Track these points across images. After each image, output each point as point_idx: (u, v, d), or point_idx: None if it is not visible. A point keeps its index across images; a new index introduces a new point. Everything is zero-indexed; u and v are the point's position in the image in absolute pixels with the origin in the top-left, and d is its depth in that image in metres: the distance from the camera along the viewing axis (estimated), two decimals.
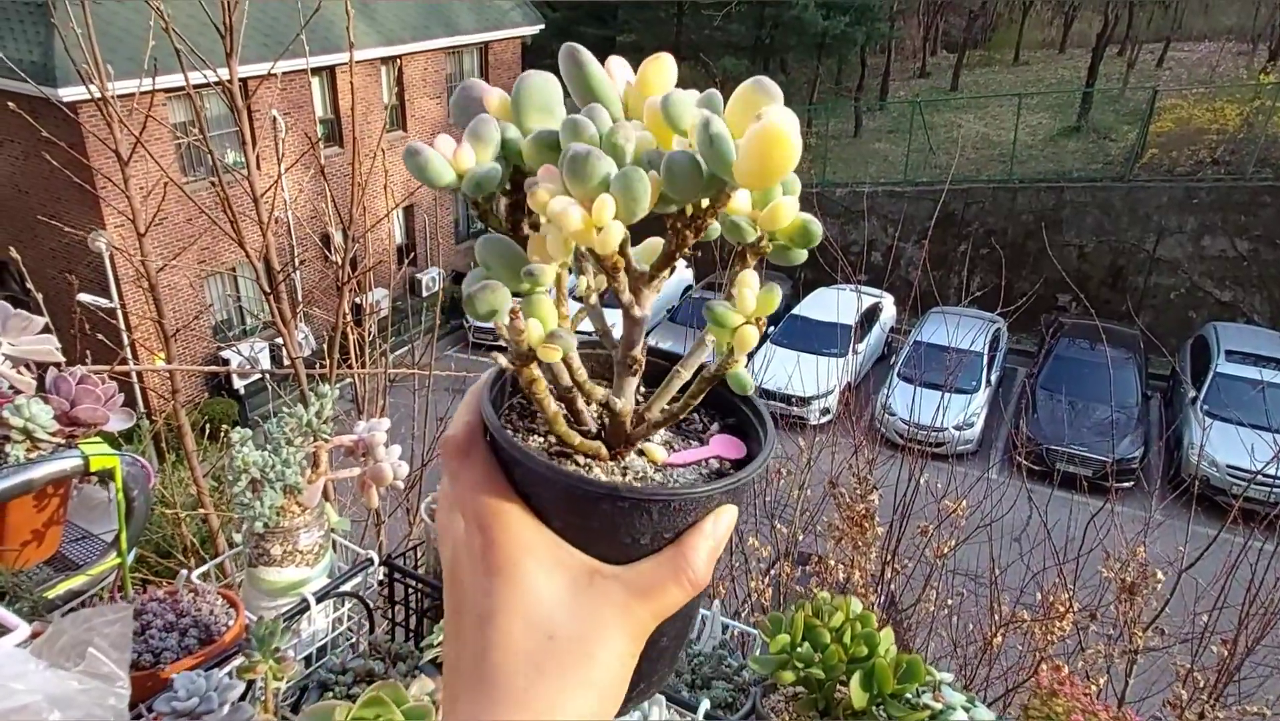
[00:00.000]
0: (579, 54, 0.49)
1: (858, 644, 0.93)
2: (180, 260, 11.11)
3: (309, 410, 1.19)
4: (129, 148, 2.61)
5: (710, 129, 0.43)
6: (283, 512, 1.18)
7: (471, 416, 0.51)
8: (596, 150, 0.43)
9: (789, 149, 0.42)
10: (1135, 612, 3.34)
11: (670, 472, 0.52)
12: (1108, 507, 3.88)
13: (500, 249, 0.48)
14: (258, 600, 1.24)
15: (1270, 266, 13.33)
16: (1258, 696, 3.29)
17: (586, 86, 0.49)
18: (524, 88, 0.49)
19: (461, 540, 0.48)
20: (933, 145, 16.31)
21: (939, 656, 4.11)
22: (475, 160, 0.48)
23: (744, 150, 0.43)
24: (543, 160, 0.48)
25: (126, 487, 1.04)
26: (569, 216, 0.43)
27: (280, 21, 11.48)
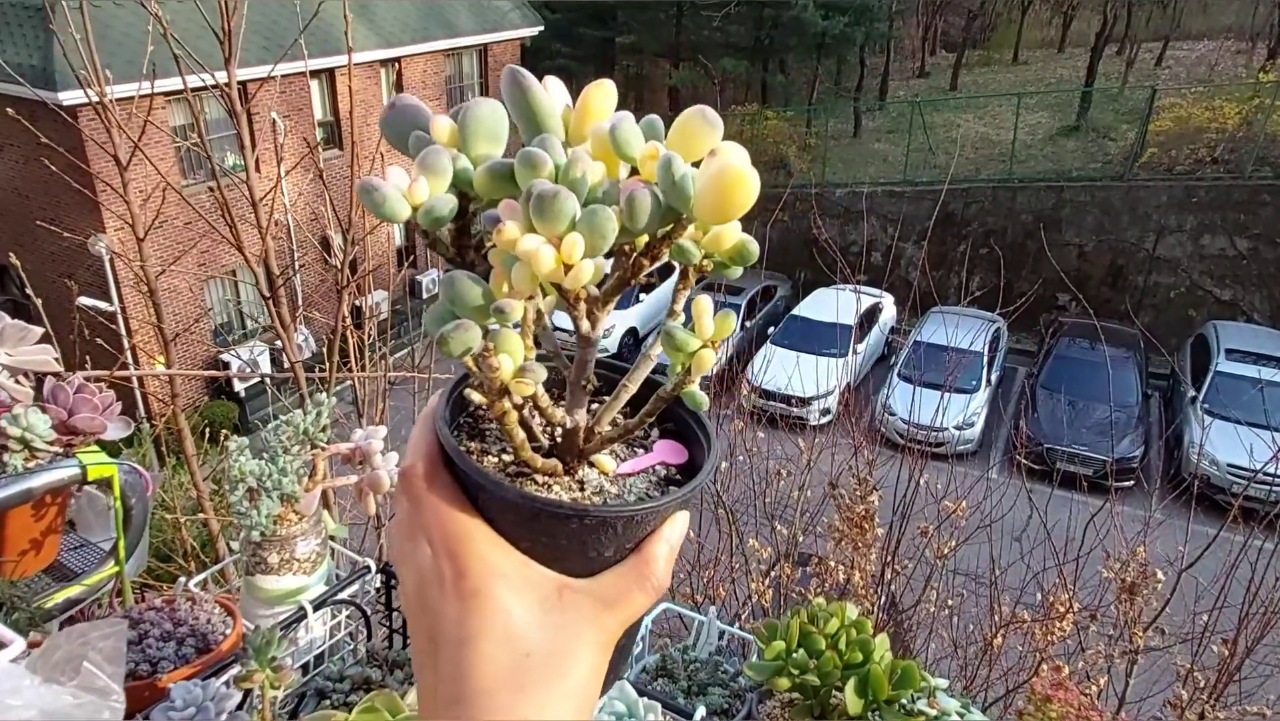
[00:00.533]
0: (522, 78, 0.50)
1: (853, 650, 0.93)
2: (180, 263, 11.11)
3: (306, 418, 1.20)
4: (128, 152, 2.61)
5: (673, 169, 0.45)
6: (280, 521, 1.19)
7: (428, 444, 0.51)
8: (564, 189, 0.44)
9: (749, 189, 0.44)
10: (1135, 612, 3.34)
11: (623, 483, 0.54)
12: (1108, 507, 3.88)
13: (466, 286, 0.48)
14: (255, 608, 1.24)
15: (1270, 265, 13.32)
16: (1258, 696, 3.29)
17: (530, 111, 0.50)
18: (472, 116, 0.49)
19: (428, 568, 0.48)
20: (932, 145, 16.30)
21: (940, 657, 4.12)
22: (429, 193, 0.48)
23: (704, 188, 0.45)
24: (496, 190, 0.49)
25: (124, 496, 1.04)
26: (541, 257, 0.44)
27: (279, 24, 11.48)
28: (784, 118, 18.87)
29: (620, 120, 0.48)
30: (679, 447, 0.57)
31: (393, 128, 0.53)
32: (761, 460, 4.79)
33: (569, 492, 0.52)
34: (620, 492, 0.53)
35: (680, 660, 1.24)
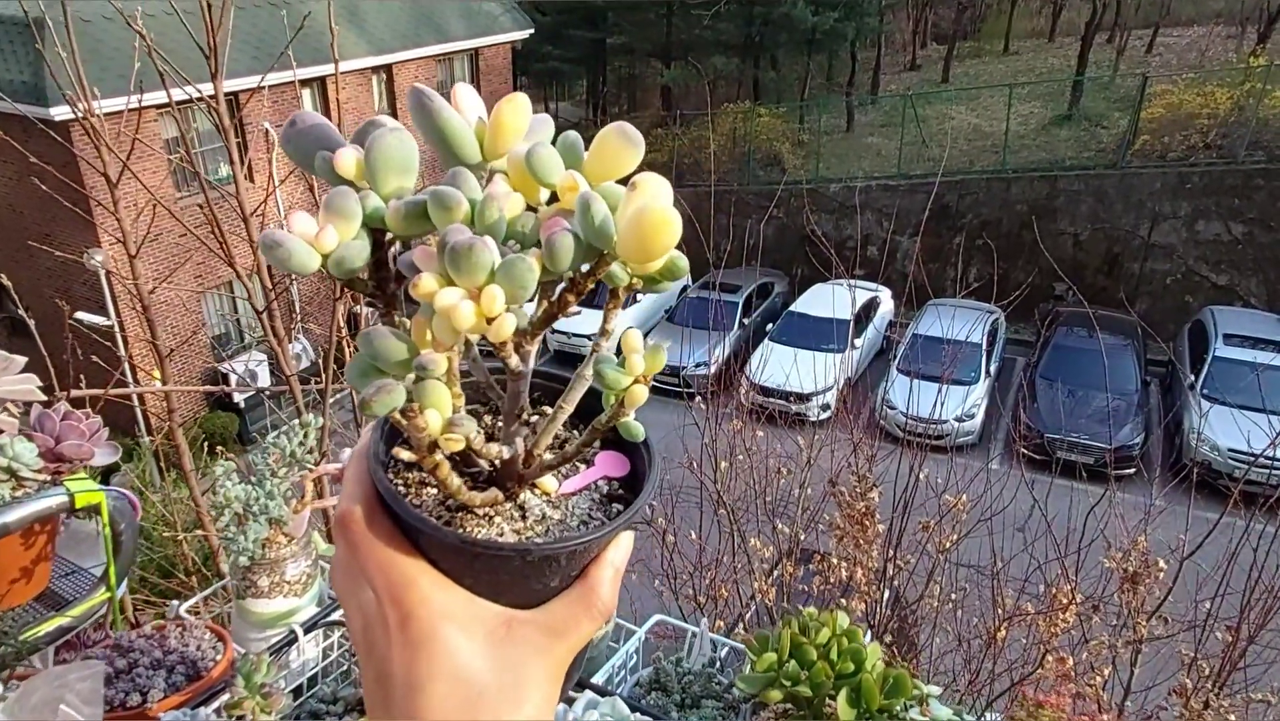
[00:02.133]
0: (427, 100, 0.48)
1: (844, 660, 0.93)
2: (177, 276, 11.11)
3: (293, 440, 1.19)
4: (119, 168, 2.61)
5: (592, 212, 0.44)
6: (269, 544, 1.18)
7: (364, 486, 0.50)
8: (479, 240, 0.43)
9: (670, 232, 0.43)
10: (1139, 601, 3.34)
11: (566, 505, 0.54)
12: (1109, 496, 3.88)
13: (386, 343, 0.47)
14: (247, 632, 1.23)
15: (1265, 249, 13.32)
16: (1263, 682, 3.29)
17: (440, 134, 0.49)
18: (378, 149, 0.47)
19: (374, 614, 0.48)
20: (925, 138, 16.30)
21: (945, 651, 4.12)
22: (338, 239, 0.46)
23: (626, 231, 0.44)
24: (411, 229, 0.47)
25: (113, 522, 1.04)
26: (461, 313, 0.42)
27: (270, 34, 11.48)
28: (776, 114, 18.86)
29: (536, 147, 0.47)
30: (621, 459, 0.57)
31: (296, 147, 0.51)
32: (762, 458, 4.79)
33: (510, 523, 0.52)
34: (563, 517, 0.53)
35: (674, 672, 1.24)
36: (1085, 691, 3.11)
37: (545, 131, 0.52)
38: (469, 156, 0.50)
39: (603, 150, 0.48)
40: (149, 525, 3.79)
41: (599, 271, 0.48)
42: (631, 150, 0.47)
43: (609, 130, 0.48)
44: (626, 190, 0.45)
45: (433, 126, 0.48)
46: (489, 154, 0.50)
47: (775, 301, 14.58)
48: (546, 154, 0.47)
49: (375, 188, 0.48)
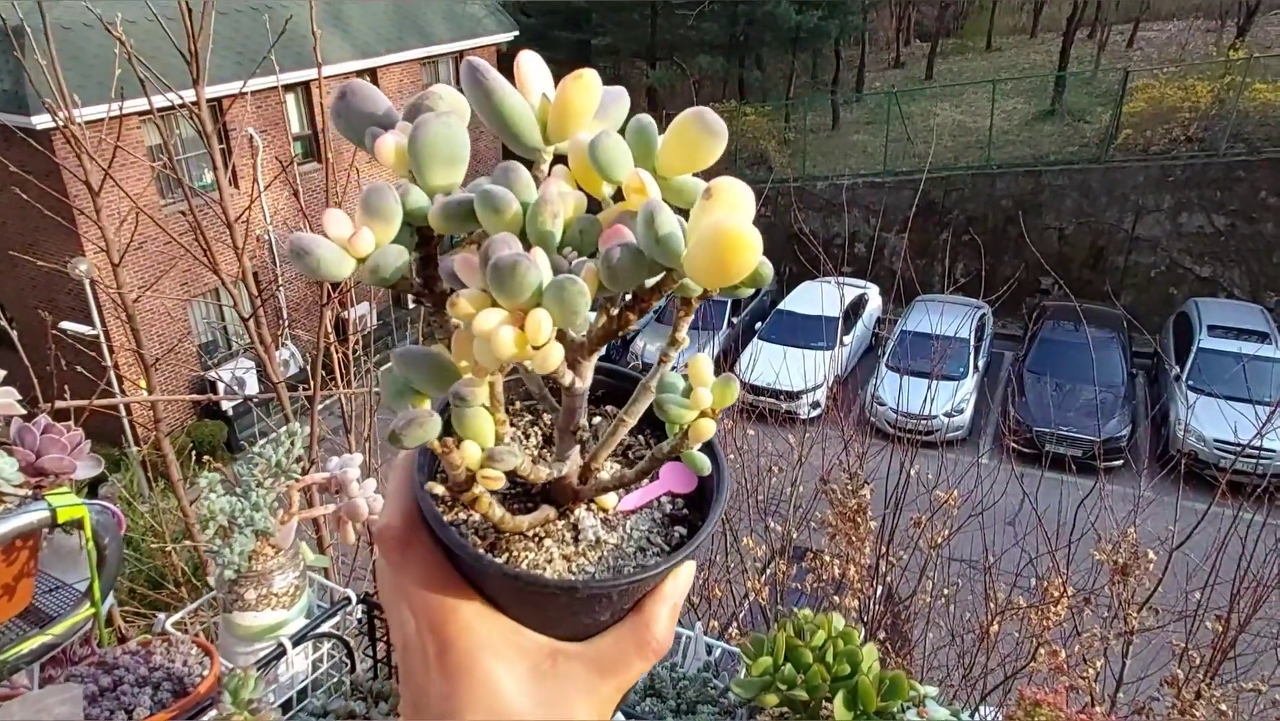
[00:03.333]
0: (484, 78, 0.44)
1: (840, 662, 0.92)
2: (162, 284, 11.03)
3: (278, 451, 1.18)
4: (100, 176, 2.59)
5: (657, 226, 0.39)
6: (255, 556, 1.17)
7: (406, 502, 0.47)
8: (525, 257, 0.38)
9: (749, 255, 0.38)
10: (1129, 593, 3.36)
11: (623, 525, 0.50)
12: (1098, 489, 3.91)
13: (424, 364, 0.43)
14: (235, 645, 1.22)
15: (1247, 240, 13.44)
16: (1253, 671, 3.31)
17: (496, 115, 0.44)
18: (423, 140, 0.42)
19: (413, 639, 0.46)
20: (910, 135, 16.36)
21: (938, 646, 4.13)
22: (375, 242, 0.42)
23: (697, 248, 0.39)
24: (454, 228, 0.43)
25: (97, 536, 1.02)
26: (501, 340, 0.38)
27: (253, 39, 11.41)
28: (762, 113, 18.89)
29: (602, 138, 0.42)
30: (687, 473, 0.52)
31: (346, 121, 0.47)
32: (753, 457, 4.79)
33: (561, 546, 0.48)
34: (619, 542, 0.49)
35: (668, 678, 1.23)
36: (1078, 684, 3.13)
37: (618, 110, 0.47)
38: (528, 140, 0.45)
39: (679, 140, 0.43)
40: (137, 536, 3.76)
41: (666, 288, 0.43)
42: (712, 141, 0.42)
43: (687, 117, 0.43)
44: (701, 197, 0.40)
45: (489, 108, 0.44)
46: (552, 135, 0.45)
47: (764, 299, 14.61)
48: (612, 146, 0.42)
49: (419, 180, 0.44)
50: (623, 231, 0.41)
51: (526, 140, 0.45)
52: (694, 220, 0.40)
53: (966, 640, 3.85)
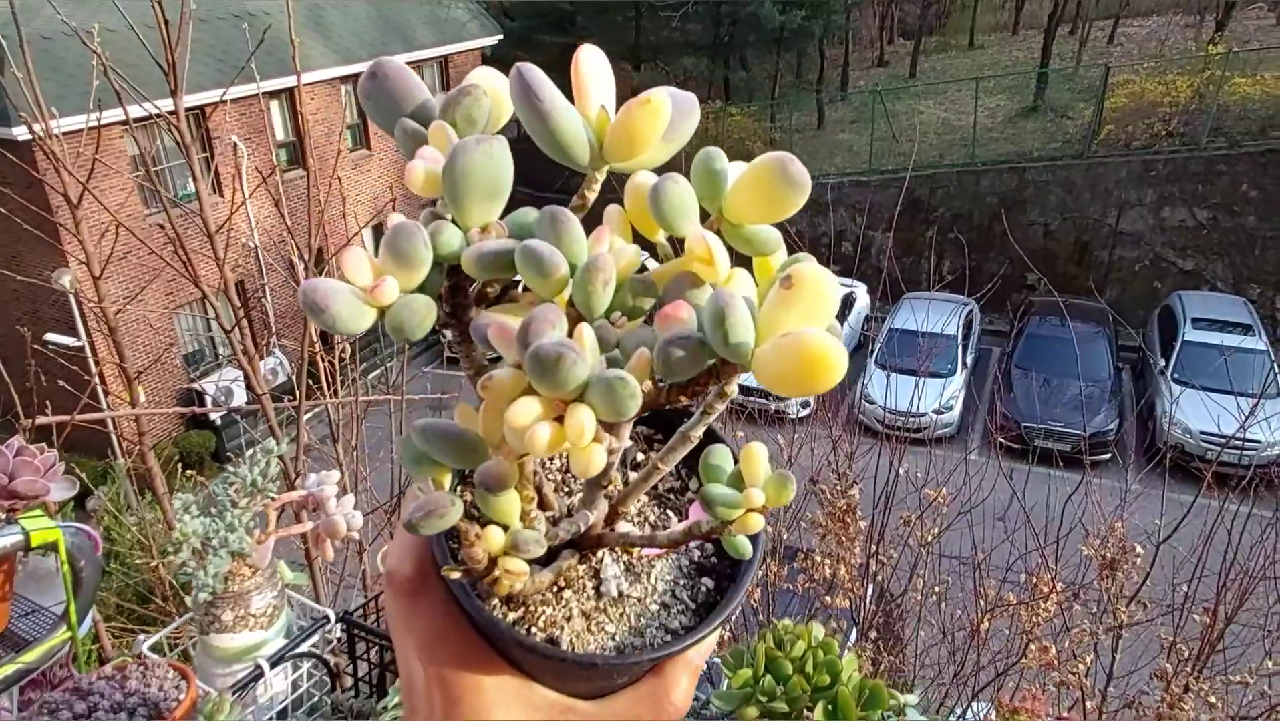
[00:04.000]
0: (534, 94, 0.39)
1: (820, 672, 0.93)
2: (147, 294, 10.96)
3: (253, 470, 1.17)
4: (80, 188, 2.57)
5: (727, 329, 0.35)
6: (231, 577, 1.16)
7: (418, 546, 0.45)
8: (570, 350, 0.34)
9: (832, 375, 0.34)
10: (1117, 588, 3.38)
11: (648, 574, 0.47)
12: (1086, 483, 3.93)
13: (449, 440, 0.39)
14: (212, 667, 1.21)
15: (1229, 233, 13.55)
16: (1241, 663, 3.34)
17: (547, 137, 0.40)
18: (461, 169, 0.38)
19: (420, 688, 0.44)
20: (895, 133, 16.43)
21: (930, 644, 4.14)
22: (399, 290, 0.38)
23: (772, 357, 0.35)
24: (490, 276, 0.39)
25: (72, 559, 1.01)
26: (537, 440, 0.35)
27: (234, 47, 11.36)
28: (748, 113, 18.94)
29: (665, 185, 0.38)
30: None
31: (375, 104, 0.43)
32: None
33: (581, 600, 0.45)
34: (642, 595, 0.46)
35: None
36: (1068, 679, 3.14)
37: (687, 127, 0.42)
38: (579, 161, 0.41)
39: (754, 188, 0.39)
40: (124, 550, 3.73)
41: (727, 381, 0.39)
42: (792, 195, 0.38)
43: (767, 164, 0.39)
44: (779, 284, 0.36)
45: (542, 130, 0.40)
46: (609, 156, 0.41)
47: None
48: (677, 196, 0.38)
49: (453, 214, 0.40)
50: (682, 316, 0.37)
51: (578, 161, 0.41)
52: (769, 314, 0.36)
53: (958, 637, 3.86)
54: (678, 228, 0.39)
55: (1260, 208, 13.24)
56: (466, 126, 0.42)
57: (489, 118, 0.43)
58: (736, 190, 0.40)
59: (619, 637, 0.45)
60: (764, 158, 0.40)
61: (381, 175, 15.47)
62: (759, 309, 0.37)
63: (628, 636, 0.45)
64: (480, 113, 0.42)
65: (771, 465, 0.43)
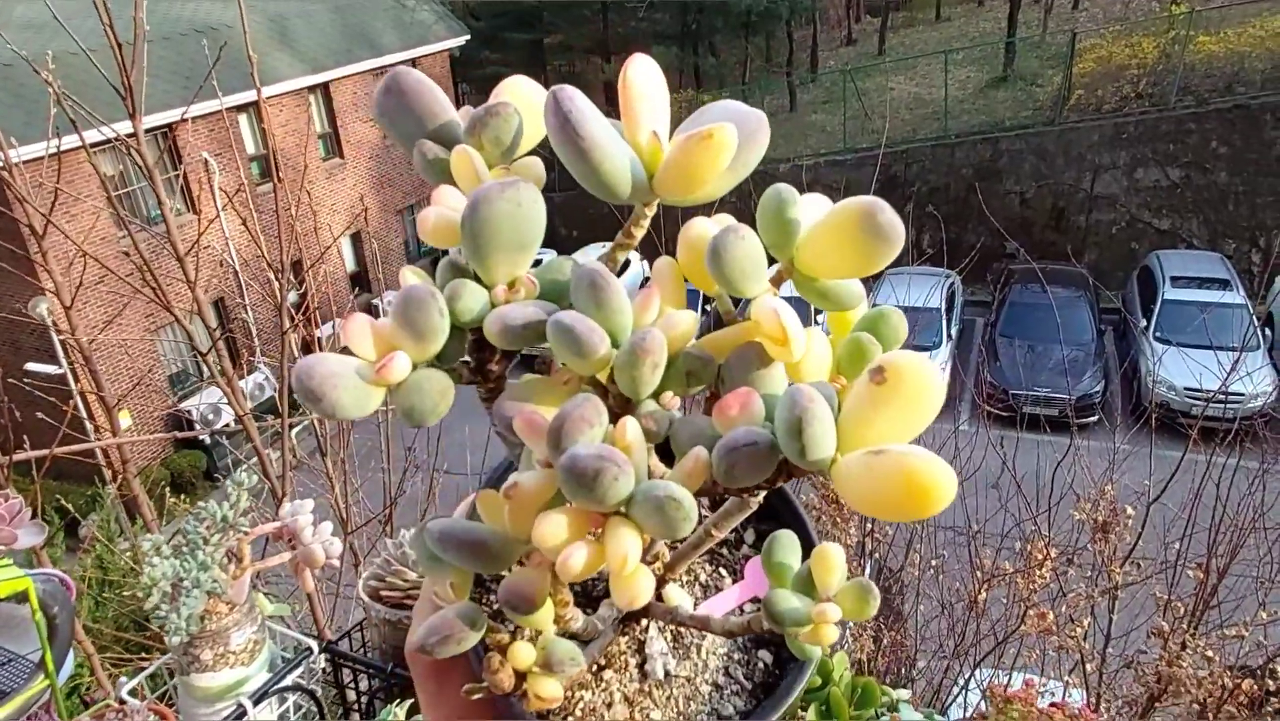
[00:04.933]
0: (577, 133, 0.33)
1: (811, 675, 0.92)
2: (127, 316, 10.86)
3: (222, 506, 1.16)
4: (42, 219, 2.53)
5: (805, 445, 0.29)
6: (208, 615, 1.14)
7: None
8: (610, 464, 0.28)
9: (940, 503, 0.29)
10: (1111, 550, 3.41)
11: (697, 650, 0.42)
12: (1074, 447, 3.96)
13: (469, 545, 0.33)
14: (195, 708, 1.19)
15: (1202, 191, 13.65)
16: (1236, 616, 3.37)
17: (588, 174, 0.34)
18: (484, 222, 0.32)
19: None
20: (867, 111, 16.44)
21: (930, 617, 4.17)
22: (411, 365, 0.32)
23: (860, 477, 0.29)
24: (519, 345, 0.34)
25: (44, 606, 0.99)
26: (570, 566, 0.30)
27: (199, 63, 11.22)
28: (719, 100, 18.91)
29: (727, 241, 0.32)
30: None
31: (392, 121, 0.38)
32: None
33: (624, 682, 0.41)
34: (691, 675, 0.41)
35: None
36: (1067, 644, 3.17)
37: (754, 154, 0.37)
38: (624, 199, 0.35)
39: (834, 239, 0.33)
40: (117, 577, 3.71)
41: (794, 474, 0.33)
42: (882, 250, 0.33)
43: (852, 213, 0.33)
44: (869, 378, 0.30)
45: (580, 167, 0.34)
46: (660, 190, 0.35)
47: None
48: (741, 254, 0.33)
49: (476, 268, 0.34)
50: (750, 407, 0.31)
51: (623, 199, 0.36)
52: (856, 414, 0.30)
53: (957, 609, 3.89)
54: (742, 290, 0.34)
55: (1230, 163, 13.34)
56: (494, 150, 0.37)
57: (520, 138, 0.38)
58: (812, 239, 0.34)
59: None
60: (848, 204, 0.34)
61: (356, 184, 15.37)
62: (841, 405, 0.31)
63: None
64: (509, 134, 0.37)
65: None
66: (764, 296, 0.34)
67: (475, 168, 0.35)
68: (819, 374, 0.34)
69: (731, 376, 0.34)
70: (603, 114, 0.37)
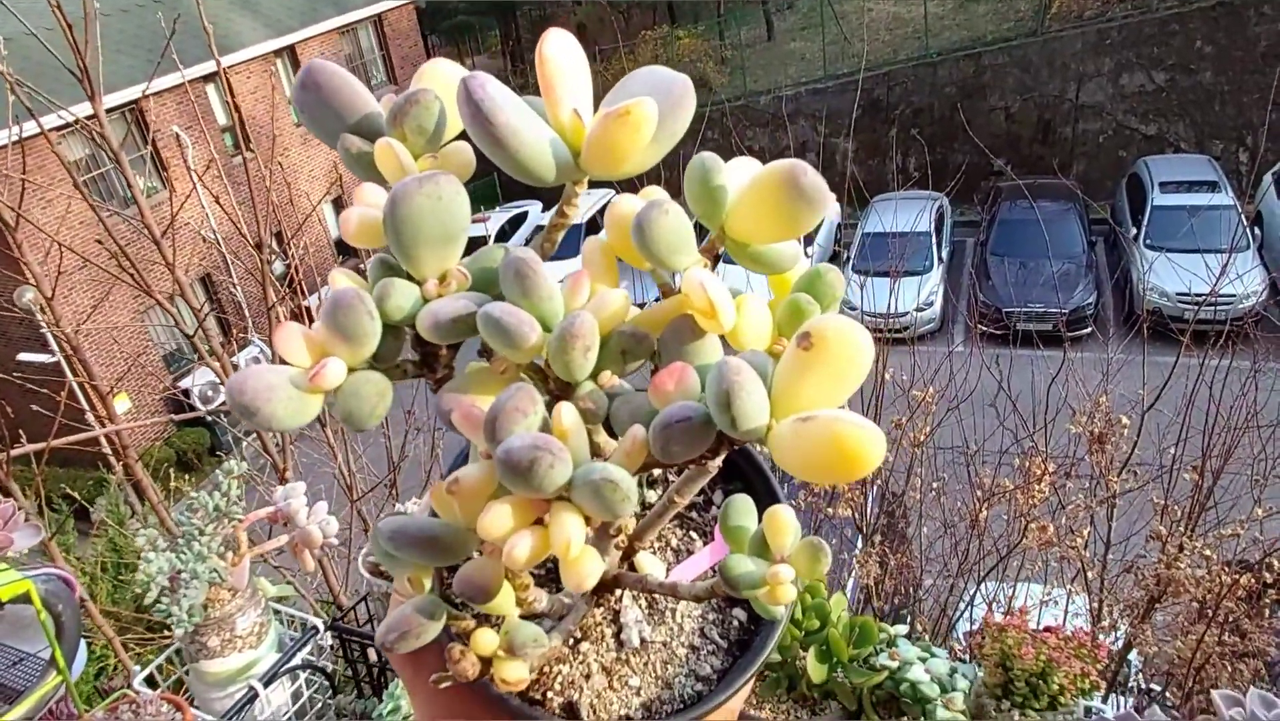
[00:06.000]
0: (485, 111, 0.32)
1: (809, 617, 0.94)
2: (115, 298, 10.78)
3: (214, 496, 1.16)
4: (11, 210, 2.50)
5: (735, 416, 0.29)
6: (211, 604, 1.16)
7: None
8: (545, 452, 0.28)
9: (870, 462, 0.30)
10: (1108, 460, 3.45)
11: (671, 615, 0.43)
12: (1068, 360, 3.98)
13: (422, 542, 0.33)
14: (208, 693, 1.22)
15: (1188, 92, 13.47)
16: (1232, 515, 3.44)
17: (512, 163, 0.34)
18: (405, 217, 0.32)
19: None
20: (847, 35, 16.09)
21: (933, 538, 4.24)
22: (346, 370, 0.32)
23: (792, 444, 0.30)
24: (452, 339, 0.34)
25: (49, 605, 1.00)
26: (516, 555, 0.30)
27: (159, 34, 10.94)
28: (696, 35, 18.49)
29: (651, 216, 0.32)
30: None
31: (311, 117, 0.38)
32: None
33: (600, 653, 0.41)
34: (667, 640, 0.42)
35: None
36: (1068, 554, 3.23)
37: (678, 123, 0.36)
38: (549, 181, 0.35)
39: (761, 204, 0.34)
40: (132, 559, 3.75)
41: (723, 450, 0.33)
42: (806, 212, 0.34)
43: (775, 175, 0.33)
44: (796, 344, 0.30)
45: (499, 154, 0.34)
46: (587, 168, 0.35)
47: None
48: (665, 230, 0.33)
49: (404, 265, 0.34)
50: (684, 382, 0.31)
51: (548, 181, 0.36)
52: (786, 381, 0.30)
53: (960, 528, 3.95)
54: (671, 265, 0.34)
55: (1215, 63, 13.14)
56: (419, 140, 0.36)
57: (445, 125, 0.37)
58: (739, 206, 0.34)
59: (645, 693, 0.40)
60: (771, 168, 0.34)
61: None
62: (774, 369, 0.31)
63: (655, 690, 0.40)
64: (432, 122, 0.36)
65: None
66: (692, 270, 0.34)
67: (400, 160, 0.35)
68: (758, 340, 0.34)
69: (667, 351, 0.34)
70: (582, 58, 0.37)
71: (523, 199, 15.68)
